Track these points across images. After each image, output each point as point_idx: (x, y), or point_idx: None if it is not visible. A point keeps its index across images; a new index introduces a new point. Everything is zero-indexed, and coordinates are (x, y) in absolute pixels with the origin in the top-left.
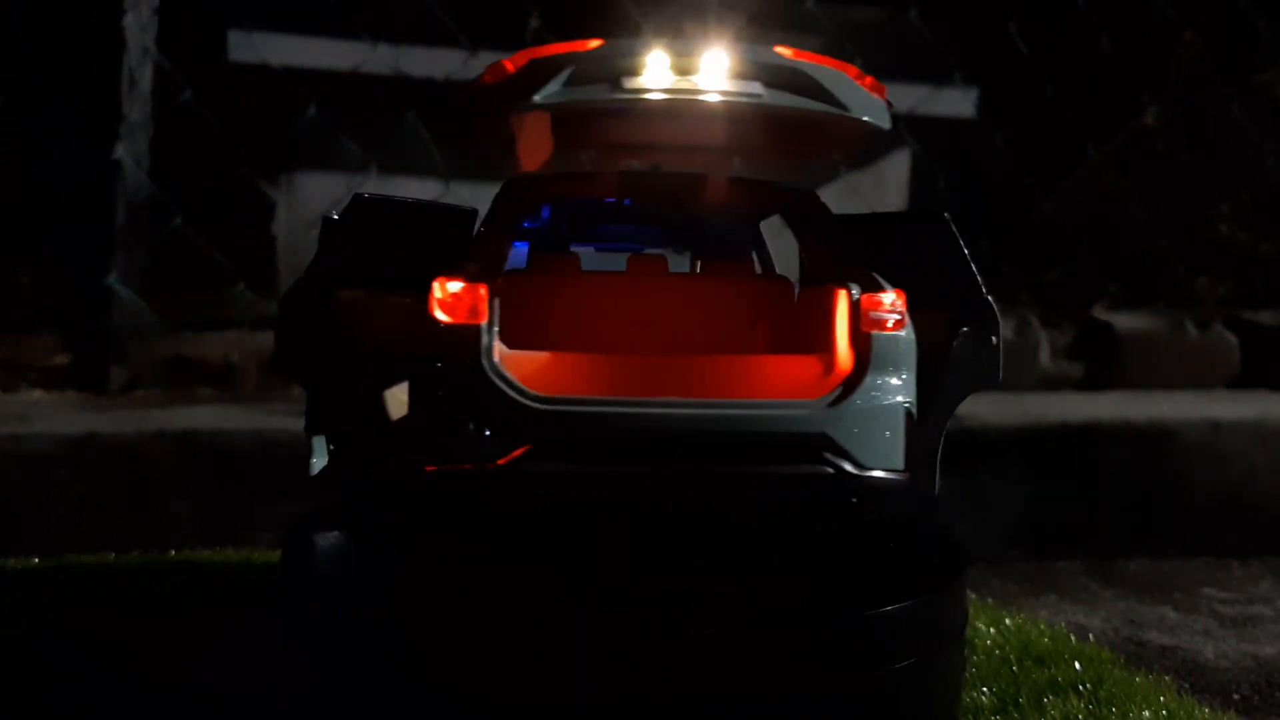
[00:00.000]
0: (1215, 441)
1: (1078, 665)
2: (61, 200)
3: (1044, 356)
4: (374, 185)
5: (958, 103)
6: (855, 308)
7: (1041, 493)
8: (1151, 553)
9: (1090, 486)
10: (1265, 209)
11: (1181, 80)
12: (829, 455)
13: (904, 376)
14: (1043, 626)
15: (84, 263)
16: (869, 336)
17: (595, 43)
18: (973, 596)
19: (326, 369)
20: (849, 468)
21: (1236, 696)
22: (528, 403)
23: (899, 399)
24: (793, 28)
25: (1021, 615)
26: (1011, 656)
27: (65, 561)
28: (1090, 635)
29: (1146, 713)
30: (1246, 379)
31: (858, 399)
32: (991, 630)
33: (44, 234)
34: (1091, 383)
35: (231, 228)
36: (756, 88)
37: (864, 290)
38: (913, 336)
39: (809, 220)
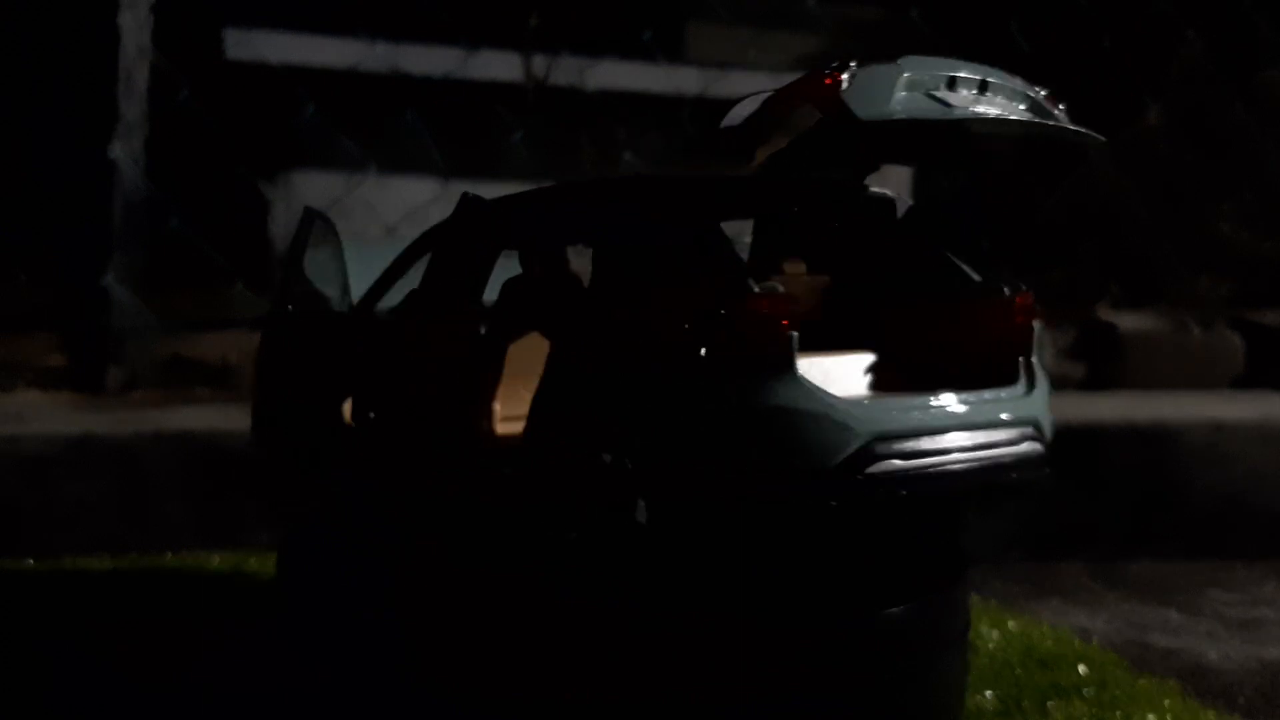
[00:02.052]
0: (1219, 442)
1: (1081, 668)
2: (58, 200)
3: (1046, 356)
4: (373, 184)
5: None
6: (1011, 303)
7: (1043, 493)
8: (1155, 554)
9: (1093, 487)
10: (1269, 208)
11: (1184, 79)
12: (1037, 434)
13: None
14: (1046, 629)
15: (81, 262)
16: (1030, 328)
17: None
18: (975, 598)
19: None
20: (1045, 444)
21: (1241, 699)
22: (843, 405)
23: (1048, 380)
24: (793, 26)
25: (1024, 617)
26: (1014, 659)
27: (63, 562)
28: (1094, 637)
29: (1150, 716)
30: (1250, 379)
31: (1037, 383)
32: (994, 632)
33: (41, 234)
34: (1094, 383)
35: (229, 227)
36: (1015, 108)
37: (1008, 287)
38: None
39: (917, 222)
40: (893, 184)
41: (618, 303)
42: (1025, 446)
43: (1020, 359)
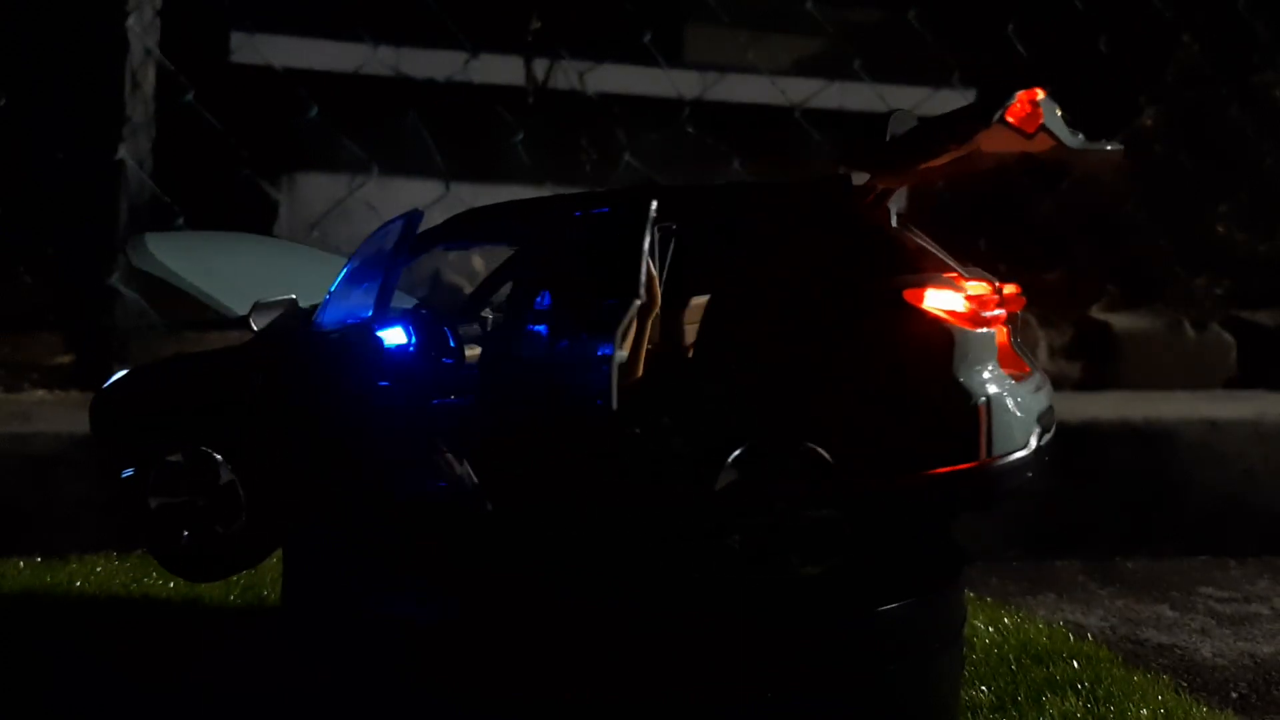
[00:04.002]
0: (1213, 441)
1: (1076, 663)
2: (64, 200)
3: (1042, 356)
4: (375, 186)
5: (956, 104)
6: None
7: (1039, 491)
8: (1149, 552)
9: (1088, 486)
10: (1263, 209)
11: (1180, 81)
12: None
13: None
14: (1041, 625)
15: (86, 263)
16: (1017, 316)
17: (1041, 92)
18: (971, 595)
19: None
20: None
21: (1234, 695)
22: (1019, 392)
23: None
24: (791, 28)
25: (1020, 614)
26: (1010, 655)
27: (68, 561)
28: (1088, 634)
29: (1144, 711)
30: (1244, 379)
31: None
32: (990, 628)
33: (47, 234)
34: (1089, 382)
35: (233, 228)
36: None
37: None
38: None
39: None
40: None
41: (826, 302)
42: (1054, 422)
43: (1024, 351)
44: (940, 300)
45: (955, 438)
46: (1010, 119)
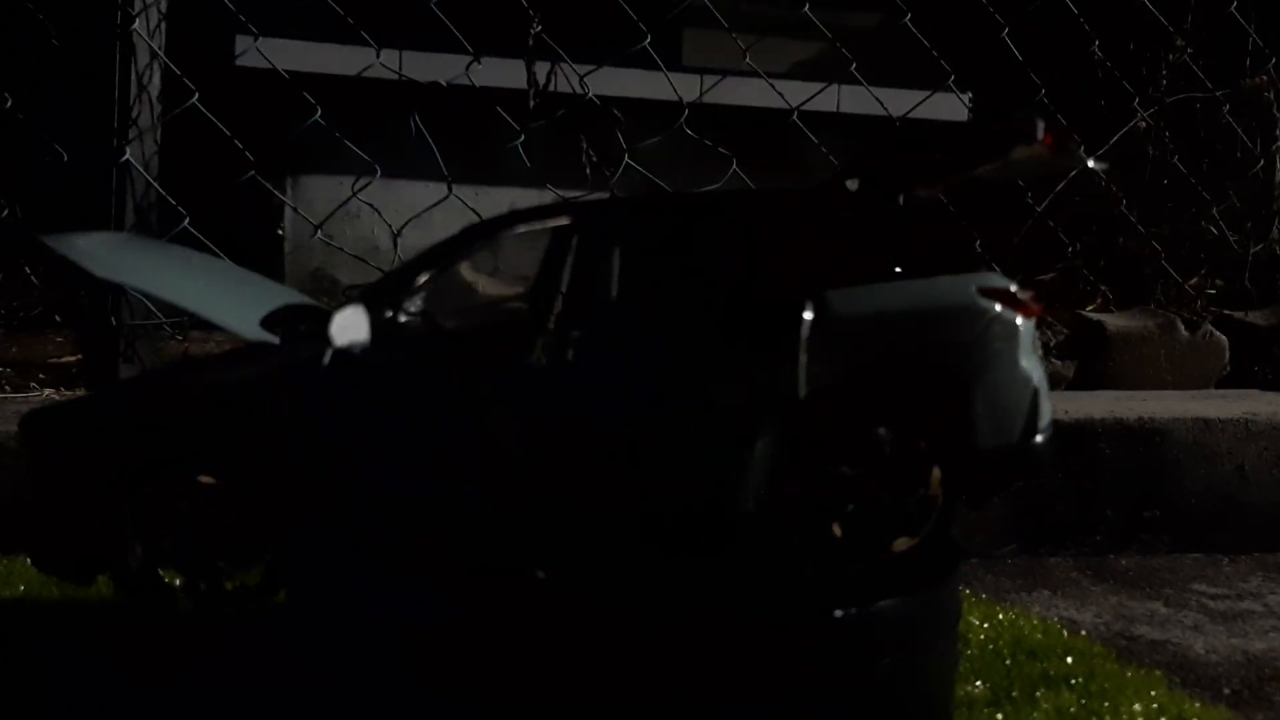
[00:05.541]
0: (1205, 439)
1: (1070, 659)
2: (71, 202)
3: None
4: (379, 188)
5: (952, 107)
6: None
7: (1033, 489)
8: (1142, 549)
9: (1081, 483)
10: (1254, 211)
11: (1173, 84)
12: None
13: None
14: (1035, 621)
15: None
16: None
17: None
18: (966, 591)
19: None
20: None
21: (1227, 690)
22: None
23: None
24: (789, 32)
25: (1014, 610)
26: (1004, 650)
27: None
28: (1082, 630)
29: (1137, 706)
30: (1236, 378)
31: None
32: (985, 624)
33: (52, 234)
34: (1083, 382)
35: (238, 229)
36: None
37: None
38: None
39: None
40: None
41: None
42: None
43: None
44: (1004, 292)
45: (1021, 419)
46: (1050, 138)
